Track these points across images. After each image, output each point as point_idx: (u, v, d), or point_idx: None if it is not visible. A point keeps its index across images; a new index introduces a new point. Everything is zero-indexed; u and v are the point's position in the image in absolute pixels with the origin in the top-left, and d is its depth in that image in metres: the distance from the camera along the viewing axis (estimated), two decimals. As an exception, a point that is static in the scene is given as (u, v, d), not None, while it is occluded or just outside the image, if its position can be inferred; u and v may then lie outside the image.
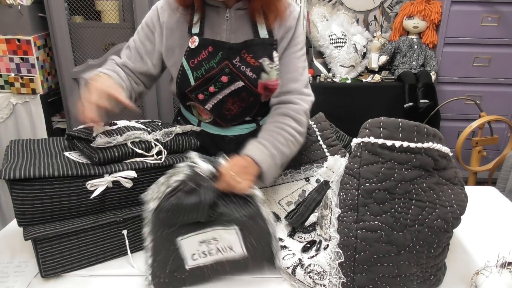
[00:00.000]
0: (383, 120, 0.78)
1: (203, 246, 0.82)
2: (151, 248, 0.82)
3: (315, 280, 0.81)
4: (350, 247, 0.77)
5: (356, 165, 0.78)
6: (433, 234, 0.77)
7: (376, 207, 0.76)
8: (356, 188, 0.78)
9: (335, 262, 0.79)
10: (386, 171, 0.76)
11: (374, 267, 0.77)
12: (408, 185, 0.76)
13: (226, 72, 1.07)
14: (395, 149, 0.76)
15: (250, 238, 0.84)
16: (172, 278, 0.83)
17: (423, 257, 0.78)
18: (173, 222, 0.80)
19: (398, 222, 0.76)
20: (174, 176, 0.82)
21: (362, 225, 0.77)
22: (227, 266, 0.85)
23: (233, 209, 0.83)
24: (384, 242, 0.76)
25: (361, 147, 0.78)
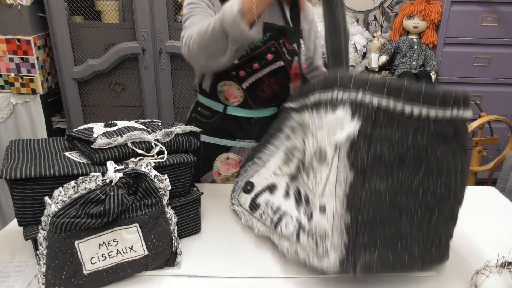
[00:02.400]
0: (406, 85, 0.74)
1: (103, 248, 0.81)
2: (46, 254, 0.79)
3: (317, 242, 0.80)
4: (354, 208, 0.76)
5: (369, 127, 0.75)
6: (436, 202, 0.78)
7: (384, 171, 0.75)
8: (367, 150, 0.75)
9: (338, 223, 0.77)
10: (400, 136, 0.74)
11: (377, 229, 0.76)
12: (420, 153, 0.75)
13: (272, 51, 1.18)
14: (413, 115, 0.74)
15: (151, 236, 0.85)
16: (68, 284, 0.80)
17: (425, 223, 0.78)
18: (72, 227, 0.77)
19: (403, 188, 0.76)
20: (85, 184, 0.81)
21: (367, 187, 0.75)
22: (127, 268, 0.85)
23: (135, 208, 0.83)
24: (387, 205, 0.75)
25: (378, 109, 0.75)
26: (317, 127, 0.83)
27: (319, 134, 0.82)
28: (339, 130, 0.77)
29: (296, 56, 1.21)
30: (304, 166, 0.89)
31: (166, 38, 2.40)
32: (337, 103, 0.79)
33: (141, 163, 0.89)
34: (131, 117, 2.58)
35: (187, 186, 1.00)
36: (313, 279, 0.87)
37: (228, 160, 1.31)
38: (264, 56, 1.18)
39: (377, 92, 0.75)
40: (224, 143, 1.29)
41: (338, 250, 0.77)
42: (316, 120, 0.84)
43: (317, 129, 0.83)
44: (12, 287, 0.84)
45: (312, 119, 0.86)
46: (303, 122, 0.97)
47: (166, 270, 0.90)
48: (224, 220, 1.09)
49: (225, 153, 1.30)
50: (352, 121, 0.76)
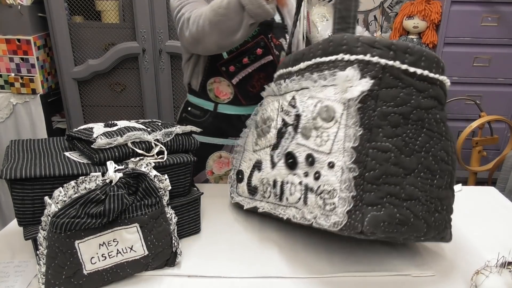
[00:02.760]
0: (410, 46, 0.80)
1: (103, 248, 0.81)
2: (46, 254, 0.79)
3: (325, 200, 0.81)
4: (361, 164, 0.78)
5: (376, 87, 0.79)
6: (436, 163, 0.82)
7: (389, 130, 0.79)
8: (373, 109, 0.79)
9: (347, 177, 0.79)
10: (404, 96, 0.79)
11: (382, 186, 0.78)
12: (422, 113, 0.80)
13: (262, 45, 1.20)
14: (416, 76, 0.80)
15: (151, 236, 0.85)
16: (68, 284, 0.80)
17: (427, 185, 0.81)
18: (72, 227, 0.77)
19: (407, 147, 0.79)
20: (85, 184, 0.81)
21: (374, 144, 0.78)
22: (127, 268, 0.85)
23: (135, 208, 0.83)
24: (392, 163, 0.78)
25: (384, 68, 0.79)
26: (319, 88, 0.87)
27: (322, 94, 0.86)
28: (349, 88, 0.80)
29: (283, 51, 1.23)
30: (296, 129, 0.90)
31: (166, 38, 2.40)
32: (344, 63, 0.83)
33: (141, 163, 0.89)
34: (131, 117, 2.58)
35: (187, 186, 1.00)
36: (313, 279, 0.87)
37: (221, 159, 1.31)
38: (253, 51, 1.19)
39: (383, 53, 0.80)
40: (216, 142, 1.29)
41: (346, 203, 0.78)
42: (320, 81, 0.87)
43: (319, 90, 0.87)
44: (12, 287, 0.84)
45: (310, 81, 0.89)
46: (278, 90, 1.01)
47: (166, 270, 0.90)
48: (224, 220, 1.09)
49: (217, 151, 1.30)
50: (363, 79, 0.79)
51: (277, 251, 0.97)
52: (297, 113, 0.92)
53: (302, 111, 0.90)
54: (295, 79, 0.96)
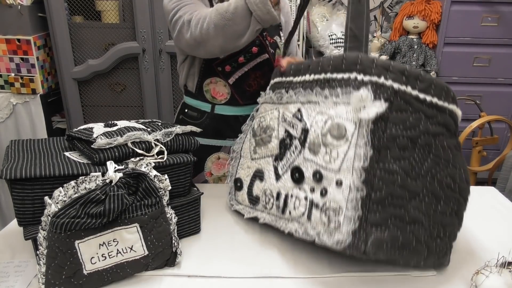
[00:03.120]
0: (422, 73, 0.82)
1: (103, 248, 0.81)
2: (46, 254, 0.79)
3: (330, 217, 0.81)
4: (368, 183, 0.78)
5: (387, 109, 0.80)
6: (441, 189, 0.83)
7: (397, 152, 0.80)
8: (383, 130, 0.80)
9: (354, 196, 0.79)
10: (413, 120, 0.81)
11: (388, 207, 0.78)
12: (430, 138, 0.82)
13: (257, 44, 1.20)
14: (425, 102, 0.82)
15: (151, 236, 0.85)
16: (68, 284, 0.80)
17: (431, 210, 0.82)
18: (72, 227, 0.77)
19: (413, 170, 0.80)
20: (85, 184, 0.81)
21: (381, 166, 0.79)
22: (127, 268, 0.85)
23: (135, 208, 0.83)
24: (398, 185, 0.79)
25: (396, 93, 0.81)
26: (330, 105, 0.87)
27: (333, 111, 0.86)
28: (363, 108, 0.81)
29: (278, 49, 1.24)
30: (304, 144, 0.90)
31: (166, 38, 2.40)
32: (358, 83, 0.83)
33: (141, 163, 0.89)
34: (131, 117, 2.58)
35: (187, 186, 1.00)
36: (313, 279, 0.87)
37: (219, 160, 1.31)
38: (249, 50, 1.19)
39: (396, 77, 0.81)
40: (214, 143, 1.28)
41: (351, 222, 0.78)
42: (331, 98, 0.87)
43: (330, 107, 0.87)
44: (12, 287, 0.84)
45: (320, 97, 0.89)
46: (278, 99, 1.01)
47: (166, 270, 0.90)
48: (224, 220, 1.09)
49: (215, 153, 1.30)
50: (377, 101, 0.80)
51: (277, 251, 0.97)
52: (305, 127, 0.91)
53: (310, 126, 0.90)
54: (300, 91, 0.95)
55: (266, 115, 1.04)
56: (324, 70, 0.91)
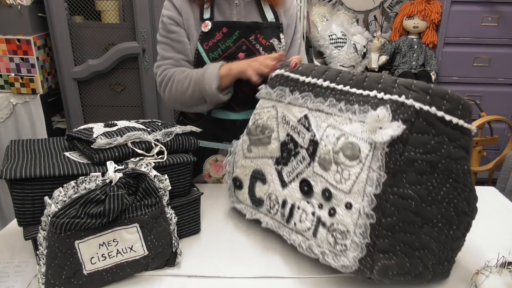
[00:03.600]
0: (449, 93, 0.75)
1: (103, 248, 0.81)
2: (46, 254, 0.79)
3: (336, 239, 0.79)
4: (379, 209, 0.75)
5: (407, 131, 0.74)
6: (456, 215, 0.78)
7: (414, 177, 0.74)
8: (400, 154, 0.74)
9: (363, 223, 0.76)
10: (435, 144, 0.74)
11: (398, 234, 0.75)
12: (451, 163, 0.75)
13: (243, 49, 1.19)
14: (450, 124, 0.75)
15: (151, 236, 0.85)
16: (68, 284, 0.80)
17: (443, 236, 0.78)
18: (72, 227, 0.77)
19: (429, 196, 0.75)
20: (85, 184, 0.81)
21: (395, 190, 0.74)
22: (127, 268, 0.85)
23: (135, 208, 0.83)
24: (412, 211, 0.75)
25: (418, 113, 0.74)
26: (343, 121, 0.82)
27: (347, 127, 0.81)
28: (379, 129, 0.76)
29: (274, 51, 1.21)
30: (314, 156, 0.86)
31: (166, 38, 2.40)
32: (376, 101, 0.78)
33: (141, 163, 0.89)
34: (131, 117, 2.58)
35: (187, 186, 1.00)
36: (313, 279, 0.87)
37: (217, 162, 1.30)
38: (236, 56, 1.19)
39: (419, 96, 0.75)
40: (211, 146, 1.27)
41: (358, 249, 0.77)
42: (347, 114, 0.82)
43: (344, 122, 0.82)
44: (12, 287, 0.84)
45: (334, 109, 0.84)
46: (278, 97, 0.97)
47: (166, 270, 0.90)
48: (224, 220, 1.09)
49: (213, 155, 1.29)
50: (394, 122, 0.75)
51: (277, 251, 0.96)
52: (314, 138, 0.87)
53: (320, 139, 0.85)
54: (310, 96, 0.89)
55: (262, 113, 1.01)
56: (344, 82, 0.85)
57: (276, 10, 1.25)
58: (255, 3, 1.24)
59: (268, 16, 1.23)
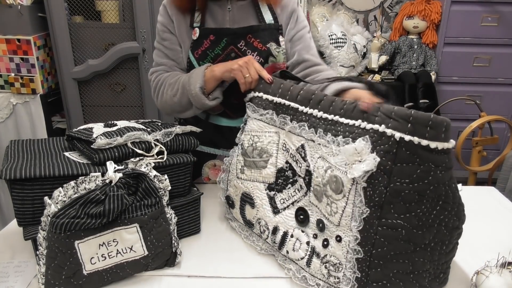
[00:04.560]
0: (432, 119, 0.69)
1: (103, 248, 0.81)
2: (46, 254, 0.79)
3: (330, 271, 0.80)
4: (368, 242, 0.74)
5: (389, 162, 0.71)
6: (448, 233, 0.77)
7: (402, 207, 0.72)
8: (385, 185, 0.72)
9: (352, 257, 0.77)
10: (421, 173, 0.71)
11: (390, 263, 0.75)
12: (440, 188, 0.73)
13: (232, 57, 1.13)
14: (435, 151, 0.70)
15: (151, 236, 0.85)
16: (68, 284, 0.80)
17: (436, 254, 0.78)
18: (72, 227, 0.77)
19: (420, 222, 0.73)
20: (85, 184, 0.81)
21: (384, 222, 0.73)
22: (127, 268, 0.85)
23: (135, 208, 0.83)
24: (403, 240, 0.74)
25: (399, 143, 0.71)
26: (330, 152, 0.80)
27: (333, 160, 0.79)
28: (357, 162, 0.73)
29: (271, 56, 1.15)
30: (309, 186, 0.86)
31: (166, 38, 2.40)
32: (360, 131, 0.76)
33: (141, 163, 0.89)
34: (131, 117, 2.58)
35: (187, 186, 1.00)
36: (313, 279, 0.87)
37: (216, 167, 1.29)
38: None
39: (399, 125, 0.71)
40: (209, 151, 1.26)
41: (350, 283, 0.77)
42: (332, 146, 0.80)
43: (330, 154, 0.80)
44: (12, 287, 0.84)
45: (323, 140, 0.83)
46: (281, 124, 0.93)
47: (166, 270, 0.90)
48: (224, 220, 1.09)
49: (211, 160, 1.28)
50: (371, 155, 0.72)
51: (277, 251, 0.96)
52: (308, 169, 0.86)
53: (313, 170, 0.84)
54: (305, 127, 0.87)
55: (262, 136, 0.97)
56: (335, 112, 0.83)
57: (274, 10, 1.17)
58: (251, 5, 1.17)
59: (266, 18, 1.16)
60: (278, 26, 1.17)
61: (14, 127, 2.44)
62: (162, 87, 1.17)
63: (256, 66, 1.01)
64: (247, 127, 1.01)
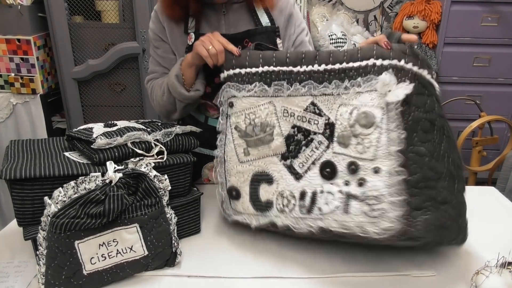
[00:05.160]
0: (428, 63, 0.84)
1: (103, 248, 0.81)
2: (45, 254, 0.79)
3: (372, 206, 0.80)
4: (406, 167, 0.79)
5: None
6: (455, 169, 0.85)
7: (422, 134, 0.81)
8: (408, 113, 0.80)
9: (396, 181, 0.79)
10: (431, 103, 0.82)
11: (424, 189, 0.80)
12: (442, 120, 0.84)
13: None
14: (434, 86, 0.84)
15: (151, 236, 0.85)
16: (68, 284, 0.80)
17: (453, 188, 0.84)
18: (72, 227, 0.77)
19: (435, 152, 0.82)
20: (85, 184, 0.81)
21: (412, 148, 0.80)
22: (127, 268, 0.84)
23: (135, 208, 0.83)
24: (428, 167, 0.80)
25: (415, 75, 0.81)
26: (352, 95, 0.85)
27: (357, 101, 0.84)
28: (388, 92, 0.81)
29: None
30: (332, 138, 0.88)
31: (166, 38, 2.40)
32: (378, 69, 0.83)
33: (141, 163, 0.89)
34: (131, 117, 2.58)
35: (187, 186, 1.00)
36: (313, 279, 0.87)
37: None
38: (223, 70, 1.09)
39: (414, 60, 0.82)
40: (208, 153, 1.26)
41: (397, 208, 0.79)
42: (354, 88, 0.85)
43: (353, 97, 0.85)
44: (12, 287, 0.84)
45: (340, 89, 0.87)
46: (276, 92, 0.93)
47: (166, 270, 0.90)
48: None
49: (211, 162, 1.28)
50: (402, 83, 0.81)
51: (277, 251, 0.96)
52: (328, 121, 0.88)
53: (335, 119, 0.87)
54: (311, 83, 0.89)
55: (258, 111, 0.95)
56: (339, 60, 0.87)
57: (270, 13, 1.15)
58: (246, 9, 1.14)
59: (262, 21, 1.14)
60: (275, 28, 1.15)
61: (14, 127, 2.44)
62: (154, 91, 1.18)
63: (220, 39, 0.99)
64: (236, 108, 0.97)
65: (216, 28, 1.12)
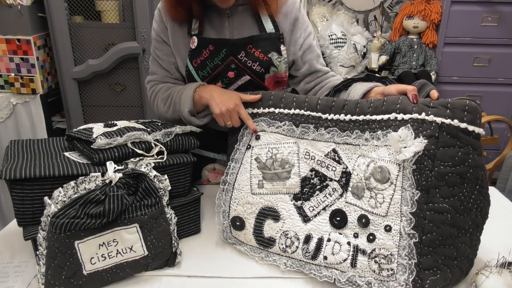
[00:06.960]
0: (468, 104, 0.79)
1: (103, 248, 0.81)
2: (45, 254, 0.79)
3: (381, 265, 0.80)
4: (418, 227, 0.78)
5: (433, 146, 0.78)
6: (482, 218, 0.82)
7: (446, 190, 0.78)
8: (430, 169, 0.78)
9: (407, 243, 0.78)
10: (462, 155, 0.78)
11: (439, 249, 0.78)
12: (478, 171, 0.79)
13: (232, 68, 1.11)
14: (473, 134, 0.78)
15: (151, 236, 0.85)
16: (68, 284, 0.80)
17: (474, 239, 0.82)
18: (72, 227, 0.77)
19: (462, 206, 0.79)
20: (85, 184, 0.81)
21: (431, 206, 0.78)
22: (127, 268, 0.85)
23: (135, 208, 0.83)
24: (449, 224, 0.78)
25: (441, 127, 0.78)
26: (370, 149, 0.85)
27: (375, 154, 0.84)
28: (403, 148, 0.79)
29: (273, 66, 1.12)
30: (347, 187, 0.88)
31: (166, 38, 2.40)
32: (398, 123, 0.82)
33: (141, 163, 0.89)
34: (131, 117, 2.58)
35: (187, 186, 1.00)
36: (313, 279, 0.87)
37: (216, 170, 1.28)
38: (225, 74, 1.11)
39: (438, 111, 0.79)
40: (207, 155, 1.24)
41: (407, 271, 0.78)
42: (372, 141, 0.85)
43: (371, 150, 0.85)
44: (12, 287, 0.84)
45: (361, 140, 0.87)
46: (302, 134, 0.94)
47: (166, 270, 0.90)
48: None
49: (211, 164, 1.28)
50: (417, 139, 0.78)
51: (277, 251, 0.96)
52: (346, 170, 0.88)
53: (352, 169, 0.87)
54: (336, 131, 0.90)
55: (281, 148, 0.95)
56: (364, 112, 0.88)
57: (275, 19, 1.13)
58: (251, 13, 1.12)
59: (266, 27, 1.12)
60: (279, 35, 1.13)
61: (14, 127, 2.44)
62: (156, 100, 1.17)
63: (242, 114, 1.01)
64: (261, 141, 0.98)
65: (219, 31, 1.11)
